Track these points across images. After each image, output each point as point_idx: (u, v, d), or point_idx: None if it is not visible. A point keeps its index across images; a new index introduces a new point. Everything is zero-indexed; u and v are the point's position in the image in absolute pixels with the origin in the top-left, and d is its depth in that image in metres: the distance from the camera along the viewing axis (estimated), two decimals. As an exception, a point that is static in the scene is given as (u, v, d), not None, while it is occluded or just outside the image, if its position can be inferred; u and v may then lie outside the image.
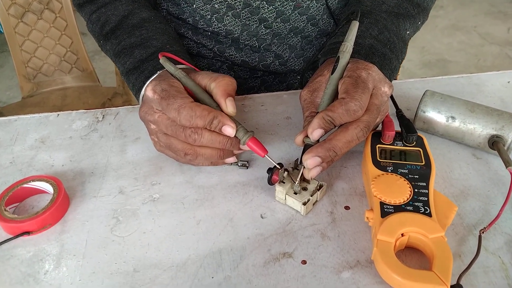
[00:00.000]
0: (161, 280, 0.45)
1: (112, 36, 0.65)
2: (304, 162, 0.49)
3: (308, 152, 0.49)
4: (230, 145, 0.52)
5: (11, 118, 0.68)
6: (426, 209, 0.46)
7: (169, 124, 0.52)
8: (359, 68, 0.52)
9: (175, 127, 0.51)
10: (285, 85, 0.83)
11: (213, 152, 0.53)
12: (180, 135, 0.51)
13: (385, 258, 0.42)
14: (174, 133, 0.52)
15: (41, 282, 0.45)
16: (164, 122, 0.52)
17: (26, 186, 0.53)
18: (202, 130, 0.51)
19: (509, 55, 2.57)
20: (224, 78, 0.53)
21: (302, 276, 0.44)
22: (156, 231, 0.50)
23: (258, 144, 0.52)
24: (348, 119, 0.49)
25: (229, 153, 0.55)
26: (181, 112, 0.49)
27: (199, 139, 0.51)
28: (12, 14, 1.33)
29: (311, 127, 0.50)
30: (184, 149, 0.53)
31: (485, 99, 0.66)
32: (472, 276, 0.44)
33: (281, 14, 0.71)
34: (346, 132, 0.49)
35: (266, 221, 0.50)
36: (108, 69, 2.39)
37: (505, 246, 0.46)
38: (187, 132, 0.51)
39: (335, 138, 0.49)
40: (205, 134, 0.51)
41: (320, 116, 0.49)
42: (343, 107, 0.49)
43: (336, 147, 0.49)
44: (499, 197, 0.52)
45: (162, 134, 0.54)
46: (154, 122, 0.53)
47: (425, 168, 0.51)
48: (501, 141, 0.54)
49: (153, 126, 0.54)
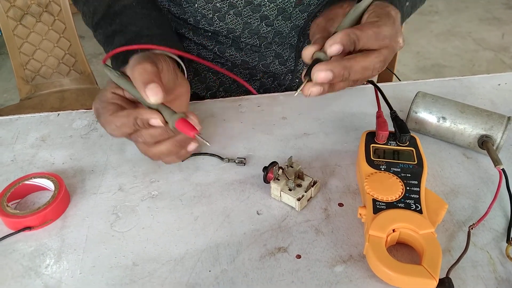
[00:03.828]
0: (160, 274, 0.46)
1: (98, 26, 0.65)
2: (315, 74, 0.45)
3: (322, 64, 0.45)
4: (171, 133, 0.49)
5: (12, 117, 0.69)
6: (417, 206, 0.48)
7: (117, 127, 0.49)
8: (388, 6, 0.49)
9: (123, 130, 0.48)
10: (283, 88, 0.84)
11: (168, 146, 0.50)
12: (130, 137, 0.50)
13: (376, 252, 0.44)
14: (124, 133, 0.49)
15: (42, 275, 0.46)
16: (111, 126, 0.49)
17: (27, 183, 0.54)
18: (140, 131, 0.48)
19: (503, 60, 2.60)
20: (137, 66, 0.47)
21: (296, 270, 0.46)
22: (154, 227, 0.51)
23: (186, 124, 0.46)
24: (373, 44, 0.46)
25: (185, 142, 0.51)
26: (107, 128, 0.48)
27: (142, 139, 0.49)
28: (11, 17, 1.34)
29: (332, 39, 0.45)
30: (144, 151, 0.52)
31: (476, 101, 0.68)
32: (460, 270, 0.45)
33: (282, 12, 0.72)
34: (367, 58, 0.46)
35: (262, 217, 0.51)
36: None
37: (493, 241, 0.48)
38: (132, 136, 0.49)
39: (354, 59, 0.45)
40: (143, 133, 0.48)
41: (346, 32, 0.45)
42: (374, 28, 0.45)
43: (352, 68, 0.45)
44: (488, 195, 0.53)
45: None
46: (103, 124, 0.50)
47: (417, 167, 0.52)
48: (490, 141, 0.56)
49: (107, 129, 0.51)
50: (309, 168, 0.58)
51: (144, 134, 0.49)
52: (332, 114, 0.67)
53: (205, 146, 0.61)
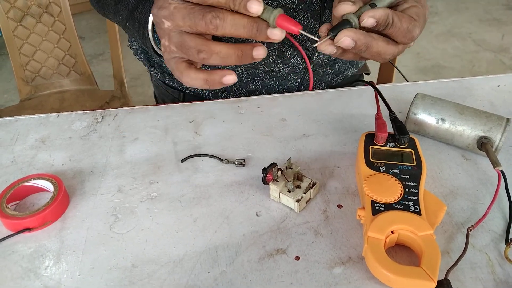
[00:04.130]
0: (159, 275, 0.46)
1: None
2: (342, 38, 0.46)
3: (351, 30, 0.46)
4: (256, 29, 0.45)
5: (12, 119, 0.69)
6: (416, 208, 0.48)
7: (187, 13, 0.46)
8: (427, 7, 0.51)
9: (193, 14, 0.45)
10: (285, 88, 0.84)
11: (230, 51, 0.46)
12: (199, 24, 0.45)
13: (375, 254, 0.44)
14: (193, 23, 0.46)
15: (42, 277, 0.47)
16: (181, 12, 0.46)
17: (27, 184, 0.54)
18: (224, 13, 0.44)
19: (503, 61, 2.60)
20: None
21: (295, 272, 0.46)
22: (154, 228, 0.51)
23: (289, 20, 0.43)
24: (398, 37, 0.48)
25: (248, 54, 0.47)
26: None
27: (222, 24, 0.44)
28: (11, 18, 1.34)
29: (372, 12, 0.46)
30: (197, 46, 0.46)
31: (475, 103, 0.68)
32: (459, 272, 0.45)
33: (285, 10, 0.72)
34: (387, 46, 0.48)
35: (261, 218, 0.52)
36: (106, 73, 2.41)
37: (492, 243, 0.48)
38: (207, 17, 0.44)
39: (377, 41, 0.47)
40: (227, 17, 0.44)
41: (386, 12, 0.46)
42: (410, 25, 0.47)
43: (371, 48, 0.47)
44: (487, 197, 0.53)
45: (176, 32, 0.48)
46: (168, 16, 0.47)
47: (416, 169, 0.52)
48: (489, 143, 0.56)
49: (166, 24, 0.48)
50: (308, 170, 0.58)
51: (228, 18, 0.44)
52: (331, 115, 0.67)
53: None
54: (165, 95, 0.93)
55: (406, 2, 0.50)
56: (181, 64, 0.49)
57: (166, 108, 0.70)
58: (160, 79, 0.90)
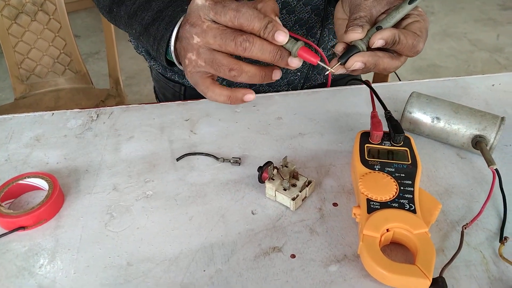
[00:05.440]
0: (154, 273, 0.46)
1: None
2: (353, 63, 0.51)
3: (360, 55, 0.51)
4: (279, 56, 0.50)
5: (6, 117, 0.69)
6: (411, 206, 0.48)
7: (219, 33, 0.49)
8: (427, 21, 0.54)
9: (225, 35, 0.49)
10: (285, 81, 0.84)
11: (256, 71, 0.51)
12: (230, 44, 0.49)
13: (370, 252, 0.44)
14: (223, 43, 0.49)
15: (36, 275, 0.46)
16: (213, 31, 0.49)
17: (21, 183, 0.54)
18: (253, 38, 0.48)
19: (498, 61, 2.61)
20: (269, 0, 0.51)
21: (291, 269, 0.46)
22: (149, 227, 0.51)
23: (309, 52, 0.49)
24: (404, 51, 0.52)
25: (269, 76, 0.52)
26: (240, 10, 0.48)
27: (250, 47, 0.48)
28: (5, 15, 1.33)
29: (380, 34, 0.51)
30: (229, 64, 0.50)
31: (471, 102, 0.68)
32: (454, 269, 0.45)
33: (286, 5, 0.72)
34: (392, 61, 0.52)
35: (257, 217, 0.52)
36: (101, 71, 2.40)
37: (486, 241, 0.48)
38: (238, 39, 0.48)
39: (383, 59, 0.51)
40: (256, 42, 0.48)
41: (393, 32, 0.51)
42: (414, 41, 0.51)
43: (378, 66, 0.51)
44: (481, 195, 0.53)
45: (206, 49, 0.51)
46: (200, 33, 0.50)
47: (412, 167, 0.52)
48: (484, 141, 0.56)
49: (196, 40, 0.51)
50: (304, 168, 0.58)
51: (257, 43, 0.48)
52: (327, 114, 0.67)
53: None
54: (166, 89, 0.93)
55: (409, 17, 0.54)
56: (207, 79, 0.53)
57: (161, 107, 0.70)
58: (161, 73, 0.91)
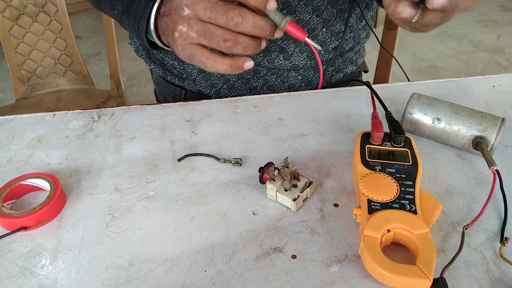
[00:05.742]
0: (155, 274, 0.46)
1: None
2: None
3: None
4: (269, 31, 0.51)
5: (8, 118, 0.69)
6: (411, 207, 0.48)
7: (209, 5, 0.49)
8: None
9: (216, 7, 0.48)
10: (286, 85, 0.84)
11: (250, 42, 0.52)
12: (221, 18, 0.49)
13: (371, 252, 0.44)
14: (214, 16, 0.49)
15: (38, 276, 0.46)
16: (204, 3, 0.49)
17: (23, 183, 0.54)
18: (246, 13, 0.48)
19: (498, 62, 2.62)
20: None
21: (292, 270, 0.46)
22: (150, 227, 0.51)
23: (297, 27, 0.50)
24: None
25: (259, 45, 0.53)
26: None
27: (242, 22, 0.49)
28: (7, 17, 1.34)
29: None
30: (223, 35, 0.50)
31: (471, 103, 0.68)
32: (455, 270, 0.45)
33: (287, 6, 0.72)
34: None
35: (258, 217, 0.52)
36: (102, 72, 2.40)
37: (487, 242, 0.48)
38: (229, 14, 0.48)
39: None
40: (249, 17, 0.49)
41: None
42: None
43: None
44: (482, 196, 0.54)
45: (197, 20, 0.51)
46: (190, 4, 0.50)
47: (412, 168, 0.53)
48: (485, 142, 0.56)
49: (187, 12, 0.50)
50: (305, 169, 0.58)
51: (249, 17, 0.49)
52: (328, 115, 0.67)
53: None
54: (166, 92, 0.94)
55: None
56: (204, 49, 0.53)
57: (163, 107, 0.70)
58: (161, 76, 0.91)
